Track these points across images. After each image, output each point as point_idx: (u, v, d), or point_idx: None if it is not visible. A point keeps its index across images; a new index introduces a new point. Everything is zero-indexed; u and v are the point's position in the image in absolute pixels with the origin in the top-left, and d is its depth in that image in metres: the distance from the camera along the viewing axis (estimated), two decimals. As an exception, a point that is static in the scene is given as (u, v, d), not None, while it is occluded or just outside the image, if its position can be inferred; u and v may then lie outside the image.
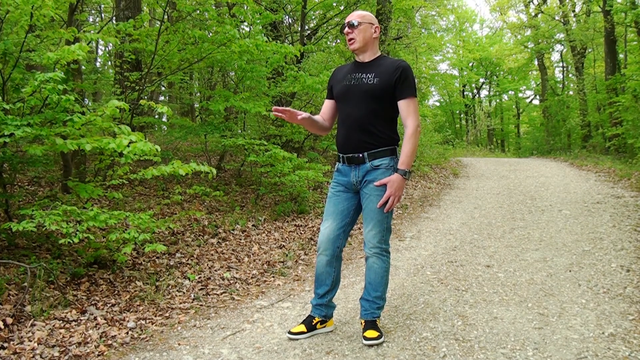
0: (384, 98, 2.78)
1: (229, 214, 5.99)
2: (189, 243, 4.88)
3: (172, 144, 8.80)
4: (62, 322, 3.02)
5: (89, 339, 2.84)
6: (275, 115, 2.76)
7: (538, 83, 27.86)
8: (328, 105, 3.05)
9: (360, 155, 2.81)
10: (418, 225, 6.32)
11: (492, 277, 4.06)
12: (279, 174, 6.36)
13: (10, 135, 3.17)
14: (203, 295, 3.75)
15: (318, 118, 3.00)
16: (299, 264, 4.69)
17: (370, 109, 2.79)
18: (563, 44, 22.61)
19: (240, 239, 5.28)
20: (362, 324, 2.91)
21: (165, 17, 6.19)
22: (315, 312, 2.99)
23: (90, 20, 14.76)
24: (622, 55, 16.82)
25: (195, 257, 4.56)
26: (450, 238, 5.52)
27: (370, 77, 2.80)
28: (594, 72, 20.44)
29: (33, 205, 3.75)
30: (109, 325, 3.06)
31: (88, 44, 4.02)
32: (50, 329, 2.90)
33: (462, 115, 34.35)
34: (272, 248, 5.11)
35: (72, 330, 2.93)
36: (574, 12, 20.71)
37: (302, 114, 2.77)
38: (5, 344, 2.67)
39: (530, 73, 29.31)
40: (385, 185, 2.76)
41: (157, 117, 9.87)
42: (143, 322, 3.19)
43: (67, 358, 2.65)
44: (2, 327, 2.81)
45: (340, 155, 2.92)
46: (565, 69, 25.79)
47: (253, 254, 4.87)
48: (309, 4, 10.87)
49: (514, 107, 33.25)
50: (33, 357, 2.61)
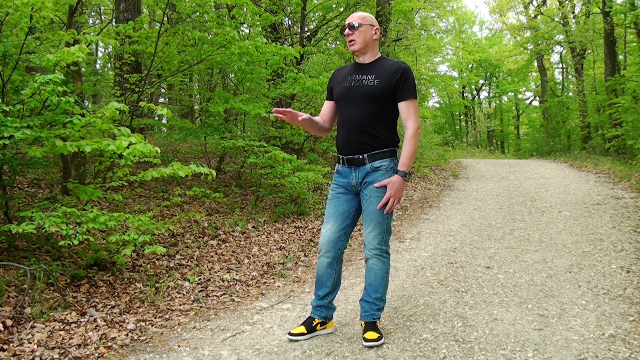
0: (384, 100, 2.78)
1: (229, 216, 5.99)
2: (189, 245, 4.88)
3: (171, 146, 8.80)
4: (61, 324, 3.01)
5: (89, 341, 2.84)
6: (276, 117, 2.76)
7: (538, 84, 27.89)
8: (328, 107, 3.05)
9: (360, 157, 2.81)
10: (418, 227, 6.32)
11: (492, 278, 4.05)
12: (279, 176, 6.35)
13: (10, 137, 3.17)
14: (203, 297, 3.75)
15: (318, 119, 3.00)
16: (299, 266, 4.69)
17: (371, 111, 2.79)
18: (562, 46, 22.64)
19: (240, 241, 5.28)
20: (362, 326, 2.91)
21: (165, 19, 6.19)
22: (315, 313, 2.99)
23: (90, 22, 14.77)
24: (621, 57, 16.83)
25: (195, 258, 4.55)
26: (450, 239, 5.52)
27: (371, 78, 2.80)
28: (594, 73, 20.46)
29: (33, 207, 3.75)
30: (109, 327, 3.06)
31: (88, 46, 4.02)
32: (50, 331, 2.90)
33: (461, 117, 34.39)
34: (272, 250, 5.11)
35: (71, 332, 2.93)
36: (574, 13, 20.74)
37: (302, 115, 2.77)
38: (5, 346, 2.66)
39: (530, 74, 29.34)
40: (385, 187, 2.76)
41: (156, 119, 9.89)
42: (143, 323, 3.19)
43: (66, 360, 2.65)
44: (1, 329, 2.81)
45: (340, 157, 2.91)
46: (565, 70, 25.83)
47: (253, 256, 4.86)
48: (309, 6, 10.88)
49: (514, 108, 33.30)
50: (33, 359, 2.60)
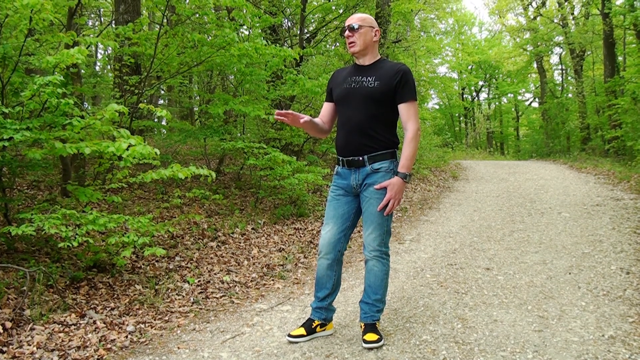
0: (385, 101, 2.78)
1: (229, 218, 5.98)
2: (189, 246, 4.88)
3: (171, 148, 8.80)
4: (61, 326, 3.01)
5: (88, 343, 2.84)
6: (277, 119, 2.75)
7: (537, 86, 27.92)
8: (327, 108, 3.05)
9: (360, 159, 2.81)
10: (418, 228, 6.32)
11: (491, 279, 4.05)
12: (279, 177, 6.35)
13: (10, 139, 3.17)
14: (202, 299, 3.75)
15: (318, 121, 3.00)
16: (299, 267, 4.68)
17: (371, 112, 2.79)
18: (562, 47, 22.66)
19: (240, 243, 5.27)
20: (361, 327, 2.91)
21: (165, 20, 6.20)
22: (315, 315, 2.99)
23: (90, 24, 14.78)
24: (621, 58, 16.85)
25: (195, 260, 4.55)
26: (450, 241, 5.52)
27: (371, 80, 2.80)
28: (593, 74, 20.48)
29: (32, 209, 3.75)
30: (108, 329, 3.05)
31: (87, 48, 4.02)
32: (50, 333, 2.89)
33: (461, 118, 34.40)
34: (271, 251, 5.10)
35: (71, 334, 2.93)
36: (573, 15, 20.77)
37: (304, 118, 2.77)
38: (5, 348, 2.66)
39: (530, 76, 29.35)
40: (386, 189, 2.76)
41: (156, 120, 9.90)
42: (142, 325, 3.18)
43: (66, 362, 2.64)
44: (1, 331, 2.80)
45: (340, 159, 2.91)
46: (565, 72, 25.85)
47: (252, 257, 4.86)
48: (308, 8, 10.90)
49: (513, 109, 33.32)
50: (32, 361, 2.60)
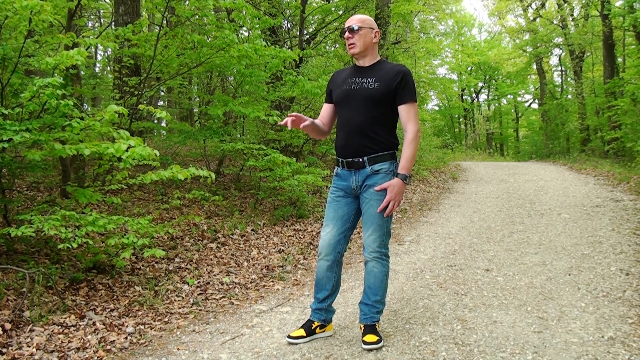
0: (385, 103, 2.78)
1: (228, 219, 5.98)
2: (188, 248, 4.88)
3: (171, 149, 8.81)
4: (60, 327, 3.01)
5: (88, 344, 2.84)
6: (284, 124, 2.72)
7: (537, 87, 27.94)
8: (327, 109, 3.05)
9: (360, 160, 2.81)
10: (417, 230, 6.32)
11: (491, 281, 4.05)
12: (278, 179, 6.36)
13: (9, 141, 3.17)
14: (202, 300, 3.74)
15: (318, 122, 3.00)
16: (298, 269, 4.68)
17: (371, 114, 2.78)
18: (561, 48, 22.68)
19: (240, 244, 5.27)
20: (361, 328, 2.90)
21: (164, 22, 6.21)
22: (315, 316, 2.98)
23: (89, 26, 14.79)
24: (620, 59, 16.87)
25: (194, 261, 4.55)
26: (450, 242, 5.52)
27: (371, 81, 2.80)
28: (593, 75, 20.49)
29: (32, 210, 3.74)
30: (108, 331, 3.05)
31: (87, 49, 4.03)
32: (49, 335, 2.89)
33: (461, 120, 34.41)
34: (271, 252, 5.10)
35: (70, 336, 2.92)
36: (572, 16, 20.77)
37: (306, 122, 2.75)
38: (4, 350, 2.66)
39: (529, 77, 29.38)
40: (385, 190, 2.76)
41: (156, 121, 9.89)
42: (142, 327, 3.18)
43: (65, 363, 2.64)
44: (0, 332, 2.80)
45: (340, 160, 2.91)
46: (564, 73, 25.86)
47: (252, 259, 4.86)
48: (308, 9, 10.91)
49: (513, 111, 33.34)
50: (31, 362, 2.60)
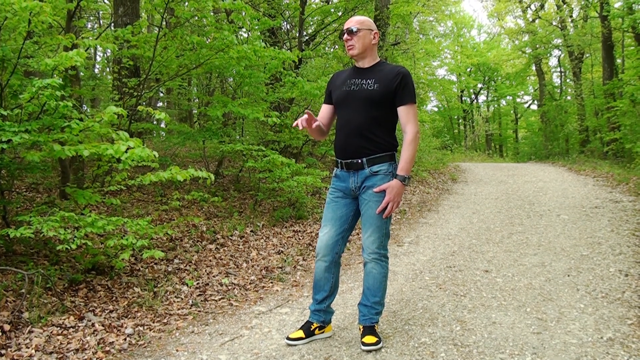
0: (384, 104, 2.78)
1: (227, 220, 5.98)
2: (187, 249, 4.87)
3: (170, 150, 8.81)
4: (59, 328, 3.01)
5: (87, 346, 2.83)
6: (303, 126, 2.71)
7: (536, 88, 27.96)
8: (326, 110, 3.05)
9: (359, 161, 2.81)
10: (416, 231, 6.32)
11: (490, 282, 4.05)
12: (277, 180, 6.36)
13: (8, 142, 3.17)
14: (201, 301, 3.74)
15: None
16: (298, 270, 4.68)
17: (370, 115, 2.79)
18: (561, 49, 22.70)
19: (239, 245, 5.27)
20: (360, 330, 2.90)
21: (164, 23, 6.21)
22: (314, 317, 2.98)
23: (89, 27, 14.79)
24: (619, 60, 16.89)
25: (194, 263, 4.55)
26: (449, 243, 5.52)
27: (371, 82, 2.80)
28: (592, 77, 20.51)
29: (31, 212, 3.74)
30: (107, 332, 3.05)
31: (86, 50, 4.03)
32: (48, 336, 2.89)
33: (460, 121, 34.42)
34: (270, 254, 5.10)
35: (69, 337, 2.92)
36: (572, 17, 20.80)
37: (317, 122, 2.76)
38: (3, 351, 2.66)
39: (528, 78, 29.42)
40: (384, 191, 2.76)
41: (155, 123, 9.89)
42: (141, 328, 3.18)
43: (64, 365, 2.64)
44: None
45: (339, 161, 2.91)
46: (563, 74, 25.88)
47: (251, 260, 4.86)
48: (307, 10, 10.92)
49: (512, 112, 33.36)
50: (30, 364, 2.60)
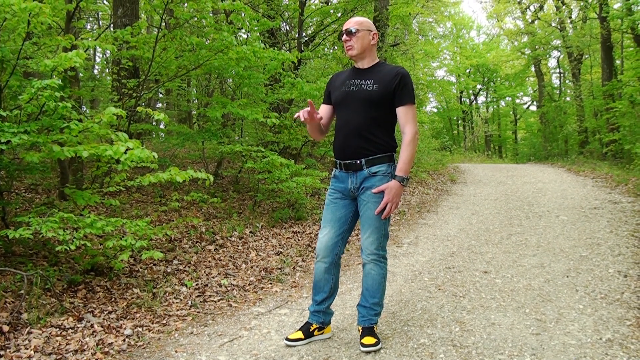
0: (383, 105, 2.79)
1: (227, 221, 5.98)
2: (186, 250, 4.87)
3: (169, 151, 8.80)
4: (58, 329, 3.00)
5: (86, 347, 2.83)
6: (305, 118, 2.71)
7: (535, 89, 27.97)
8: (324, 110, 3.05)
9: (358, 162, 2.81)
10: (415, 232, 6.32)
11: (489, 283, 4.05)
12: (277, 181, 6.36)
13: (7, 143, 3.17)
14: (200, 302, 3.74)
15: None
16: (297, 271, 4.68)
17: (369, 116, 2.79)
18: (560, 51, 22.72)
19: (238, 246, 5.27)
20: (359, 331, 2.90)
21: (163, 24, 6.21)
22: (313, 318, 2.98)
23: (88, 28, 14.80)
24: (618, 62, 16.91)
25: (193, 264, 4.55)
26: (448, 244, 5.52)
27: (370, 83, 2.80)
28: (591, 78, 20.54)
29: (30, 213, 3.74)
30: (106, 333, 3.05)
31: (85, 51, 4.03)
32: (47, 337, 2.88)
33: (459, 122, 34.44)
34: (269, 255, 5.10)
35: (68, 338, 2.92)
36: (571, 18, 20.82)
37: (319, 115, 2.78)
38: (2, 352, 2.65)
39: (527, 79, 29.43)
40: (383, 192, 2.76)
41: (154, 124, 9.88)
42: (140, 329, 3.18)
43: (63, 366, 2.63)
44: (-2, 335, 2.80)
45: (338, 162, 2.91)
46: (562, 75, 25.90)
47: (250, 261, 4.86)
48: (307, 11, 10.92)
49: (511, 113, 33.38)
50: (29, 365, 2.59)
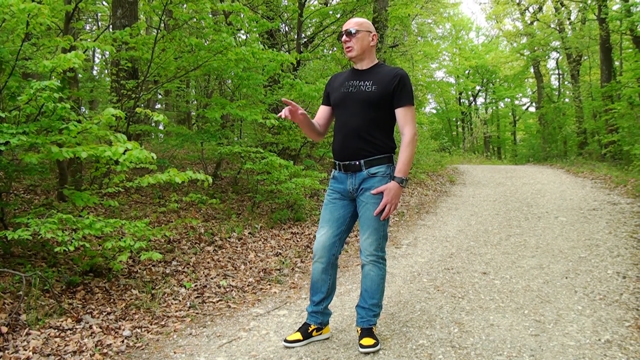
0: (382, 106, 2.79)
1: (226, 222, 5.98)
2: (185, 251, 4.87)
3: (168, 152, 8.80)
4: (57, 330, 3.00)
5: (85, 348, 2.83)
6: (285, 116, 2.73)
7: (534, 90, 27.98)
8: (323, 111, 3.05)
9: (357, 163, 2.81)
10: (414, 233, 6.32)
11: (488, 284, 4.06)
12: (276, 182, 6.36)
13: (6, 144, 3.17)
14: (199, 303, 3.74)
15: (313, 121, 3.00)
16: (295, 272, 4.68)
17: (368, 117, 2.79)
18: (559, 52, 22.74)
19: (237, 247, 5.27)
20: (358, 332, 2.90)
21: (162, 25, 6.20)
22: (311, 319, 2.98)
23: (87, 29, 14.79)
24: (617, 63, 16.94)
25: (192, 265, 4.55)
26: (447, 245, 5.52)
27: (369, 84, 2.80)
28: (590, 79, 20.56)
29: (29, 214, 3.74)
30: (105, 334, 3.05)
31: (84, 52, 4.03)
32: (46, 338, 2.88)
33: (458, 123, 34.46)
34: (268, 256, 5.10)
35: (67, 339, 2.92)
36: (570, 20, 20.84)
37: (302, 110, 2.77)
38: (0, 353, 2.65)
39: (526, 80, 29.44)
40: (382, 193, 2.76)
41: (153, 125, 9.87)
42: (139, 330, 3.17)
43: (61, 367, 2.63)
44: (-4, 336, 2.80)
45: (337, 163, 2.91)
46: (561, 77, 25.93)
47: (249, 262, 4.86)
48: (306, 12, 10.93)
49: (510, 114, 33.40)
50: (27, 366, 2.59)
